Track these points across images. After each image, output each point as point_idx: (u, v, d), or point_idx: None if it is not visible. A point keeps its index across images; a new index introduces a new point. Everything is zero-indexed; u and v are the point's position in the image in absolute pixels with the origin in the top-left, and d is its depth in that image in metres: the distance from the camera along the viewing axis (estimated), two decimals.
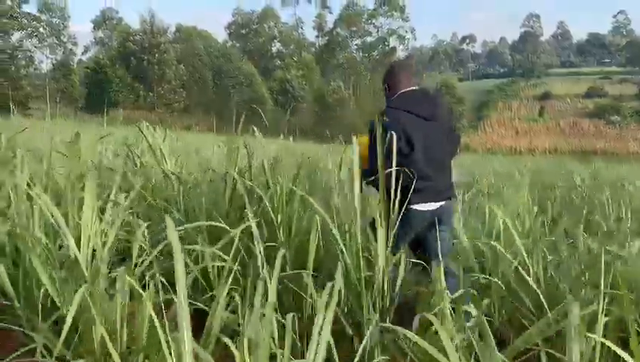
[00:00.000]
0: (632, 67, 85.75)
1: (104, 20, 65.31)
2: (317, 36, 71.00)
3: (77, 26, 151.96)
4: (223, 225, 2.51)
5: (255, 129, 3.80)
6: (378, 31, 60.14)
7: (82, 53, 61.12)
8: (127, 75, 49.24)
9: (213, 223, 2.57)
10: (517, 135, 71.61)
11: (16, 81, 42.46)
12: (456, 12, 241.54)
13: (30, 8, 58.80)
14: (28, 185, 2.45)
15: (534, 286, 2.54)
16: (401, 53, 61.88)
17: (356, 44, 62.52)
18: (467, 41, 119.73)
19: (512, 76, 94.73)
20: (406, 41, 61.88)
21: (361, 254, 2.40)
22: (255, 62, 59.94)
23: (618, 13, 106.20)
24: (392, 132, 2.50)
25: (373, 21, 59.90)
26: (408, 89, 2.81)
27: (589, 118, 71.83)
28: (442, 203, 2.76)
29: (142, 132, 4.26)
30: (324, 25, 67.75)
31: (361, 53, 61.71)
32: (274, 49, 67.76)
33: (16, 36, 43.88)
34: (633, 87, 76.05)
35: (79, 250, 2.07)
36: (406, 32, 60.62)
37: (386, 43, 59.64)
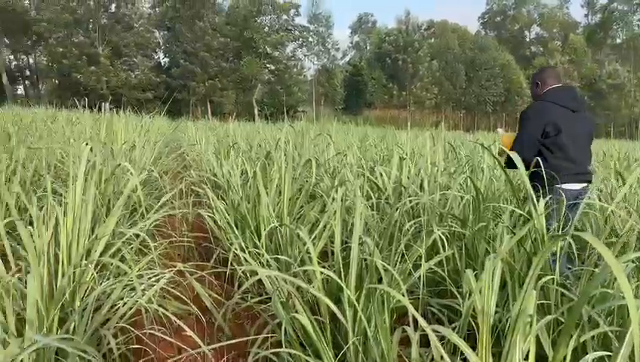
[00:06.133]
0: None
1: (360, 25, 69.17)
2: (586, 15, 62.00)
3: (335, 32, 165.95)
4: None
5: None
6: None
7: (340, 58, 65.81)
8: (382, 76, 50.91)
9: None
10: None
11: (289, 88, 47.82)
12: None
13: (301, 20, 66.22)
14: None
15: None
16: None
17: (639, 20, 52.33)
18: None
19: None
20: None
21: None
22: (511, 51, 55.51)
23: None
24: (538, 120, 3.06)
25: None
26: (556, 85, 3.22)
27: None
28: (584, 185, 3.11)
29: None
30: (595, 1, 58.53)
31: None
32: (532, 34, 61.72)
33: (289, 47, 49.27)
34: None
35: None
36: None
37: None
